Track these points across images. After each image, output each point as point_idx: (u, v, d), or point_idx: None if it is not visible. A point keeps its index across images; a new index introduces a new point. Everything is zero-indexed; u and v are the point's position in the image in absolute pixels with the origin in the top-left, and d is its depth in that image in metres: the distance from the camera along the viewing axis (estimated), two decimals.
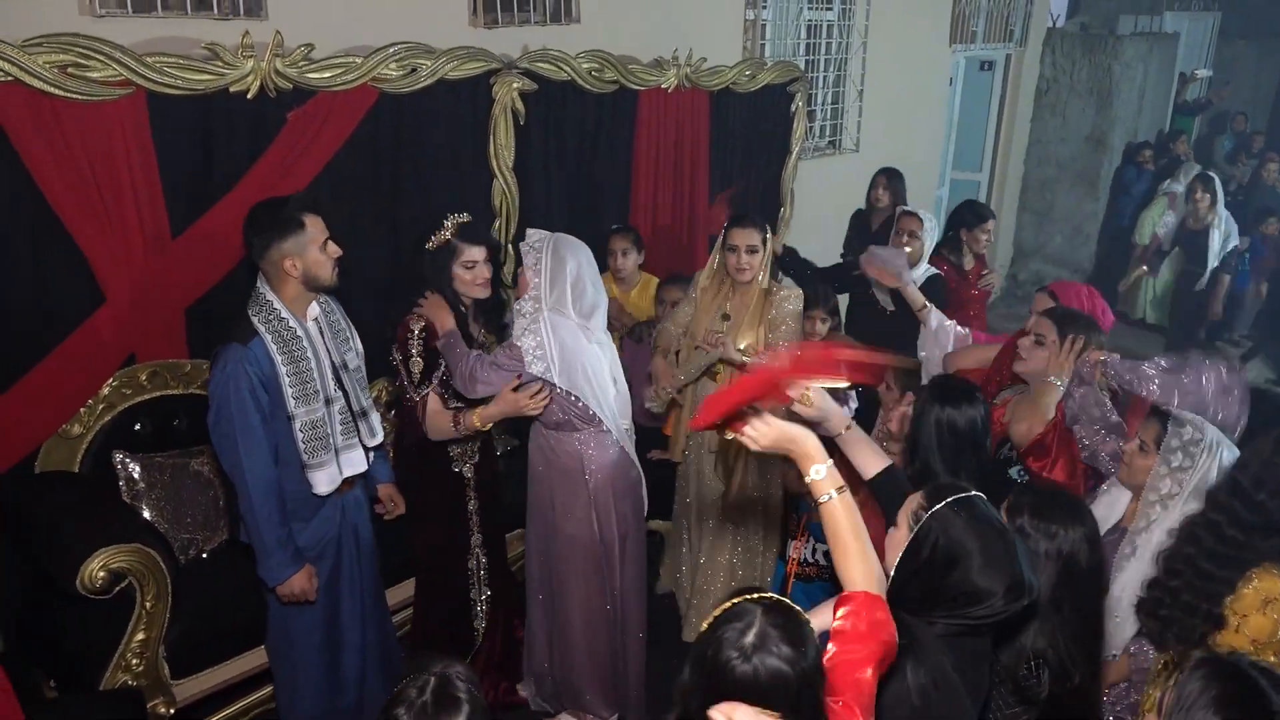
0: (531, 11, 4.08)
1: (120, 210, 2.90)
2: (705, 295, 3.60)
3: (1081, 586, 2.03)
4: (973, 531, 1.73)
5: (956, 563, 1.72)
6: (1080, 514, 2.07)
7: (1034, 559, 1.92)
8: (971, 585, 1.70)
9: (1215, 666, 1.37)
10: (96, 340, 2.99)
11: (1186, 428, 2.36)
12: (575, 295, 2.94)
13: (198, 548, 3.21)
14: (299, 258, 2.60)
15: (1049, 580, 1.99)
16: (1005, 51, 7.87)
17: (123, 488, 3.10)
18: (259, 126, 3.12)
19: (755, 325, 3.49)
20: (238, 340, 2.56)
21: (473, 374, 2.90)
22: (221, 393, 2.56)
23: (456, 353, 2.94)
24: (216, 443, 2.61)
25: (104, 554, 2.63)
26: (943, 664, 1.70)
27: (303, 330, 2.66)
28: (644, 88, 4.19)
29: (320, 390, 2.69)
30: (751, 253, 3.44)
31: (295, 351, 2.63)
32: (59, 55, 2.67)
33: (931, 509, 1.77)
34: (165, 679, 2.91)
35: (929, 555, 1.75)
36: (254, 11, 3.25)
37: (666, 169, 4.47)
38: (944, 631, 1.74)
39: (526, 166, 3.90)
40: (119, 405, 3.11)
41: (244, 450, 2.56)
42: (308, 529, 2.80)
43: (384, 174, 3.51)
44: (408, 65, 3.38)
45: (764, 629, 1.44)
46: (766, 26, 5.51)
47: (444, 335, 2.96)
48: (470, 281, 3.01)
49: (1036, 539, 2.02)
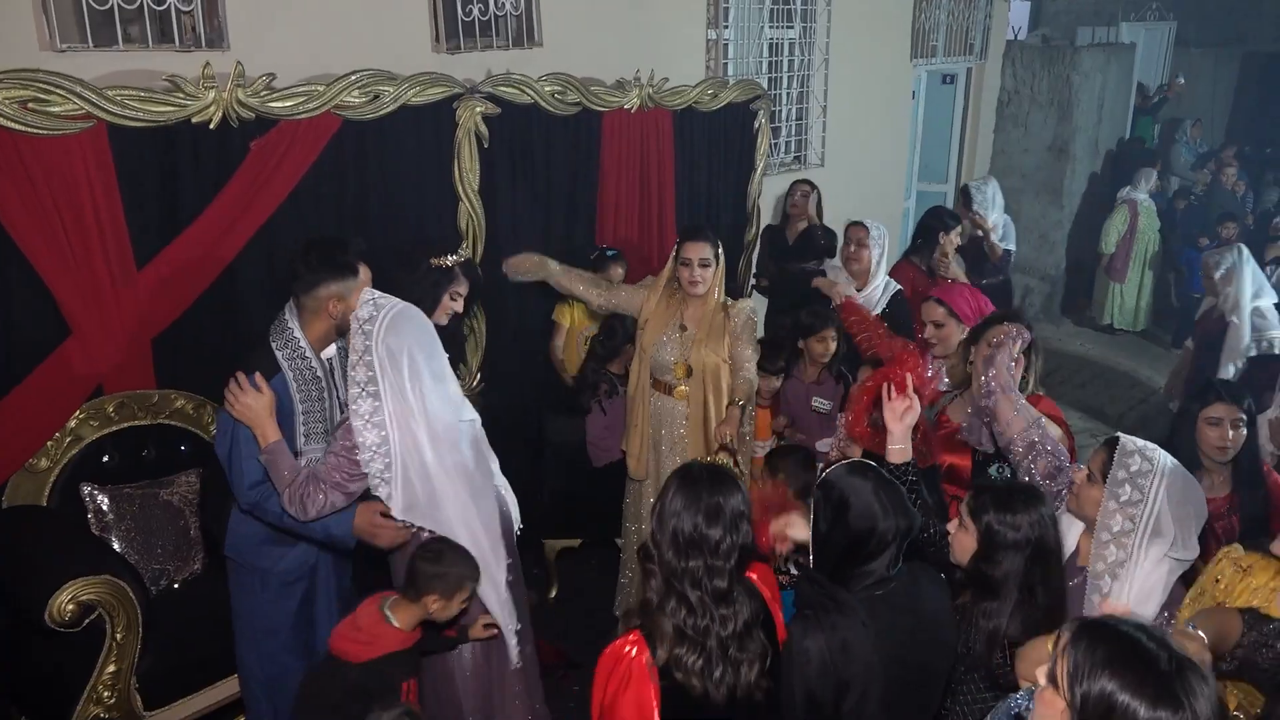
0: (494, 36, 4.12)
1: (84, 242, 2.91)
2: (658, 308, 3.63)
3: (1051, 565, 2.15)
4: (854, 480, 2.09)
5: (848, 504, 2.06)
6: (1037, 497, 2.20)
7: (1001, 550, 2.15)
8: (869, 523, 2.03)
9: (1093, 630, 1.41)
10: (63, 373, 2.99)
11: (1134, 457, 2.21)
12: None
13: (169, 578, 3.21)
14: (343, 301, 2.62)
15: (1018, 568, 2.12)
16: (966, 65, 7.99)
17: (91, 520, 3.10)
18: (222, 157, 3.14)
19: (720, 338, 3.54)
20: (263, 372, 2.59)
21: (303, 496, 2.50)
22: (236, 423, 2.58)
23: (281, 470, 2.54)
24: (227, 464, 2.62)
25: (72, 586, 2.62)
26: (854, 631, 1.97)
27: (323, 371, 2.72)
28: (607, 109, 4.24)
29: (328, 429, 2.74)
30: (704, 266, 3.49)
31: (313, 391, 2.69)
32: (19, 90, 2.69)
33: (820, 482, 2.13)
34: (138, 710, 2.90)
35: (830, 514, 2.08)
36: (216, 43, 3.28)
37: (633, 188, 4.52)
38: (864, 594, 2.03)
39: (492, 189, 3.93)
40: (86, 437, 3.10)
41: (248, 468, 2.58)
42: (289, 554, 2.81)
43: (349, 200, 3.54)
44: (370, 92, 3.41)
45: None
46: (729, 46, 5.58)
47: (266, 450, 2.54)
48: (445, 310, 3.06)
49: (1004, 531, 2.13)
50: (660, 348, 3.60)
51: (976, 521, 2.18)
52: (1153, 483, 2.18)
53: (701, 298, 3.55)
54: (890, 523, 2.04)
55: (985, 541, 2.16)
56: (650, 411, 3.68)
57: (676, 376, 3.60)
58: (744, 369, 3.51)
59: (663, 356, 3.60)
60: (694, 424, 3.63)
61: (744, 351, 3.53)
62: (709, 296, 3.56)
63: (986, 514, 2.16)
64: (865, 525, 2.04)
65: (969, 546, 2.21)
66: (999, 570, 2.14)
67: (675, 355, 3.58)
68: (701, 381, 3.57)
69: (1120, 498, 2.20)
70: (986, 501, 2.19)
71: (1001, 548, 2.14)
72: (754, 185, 5.18)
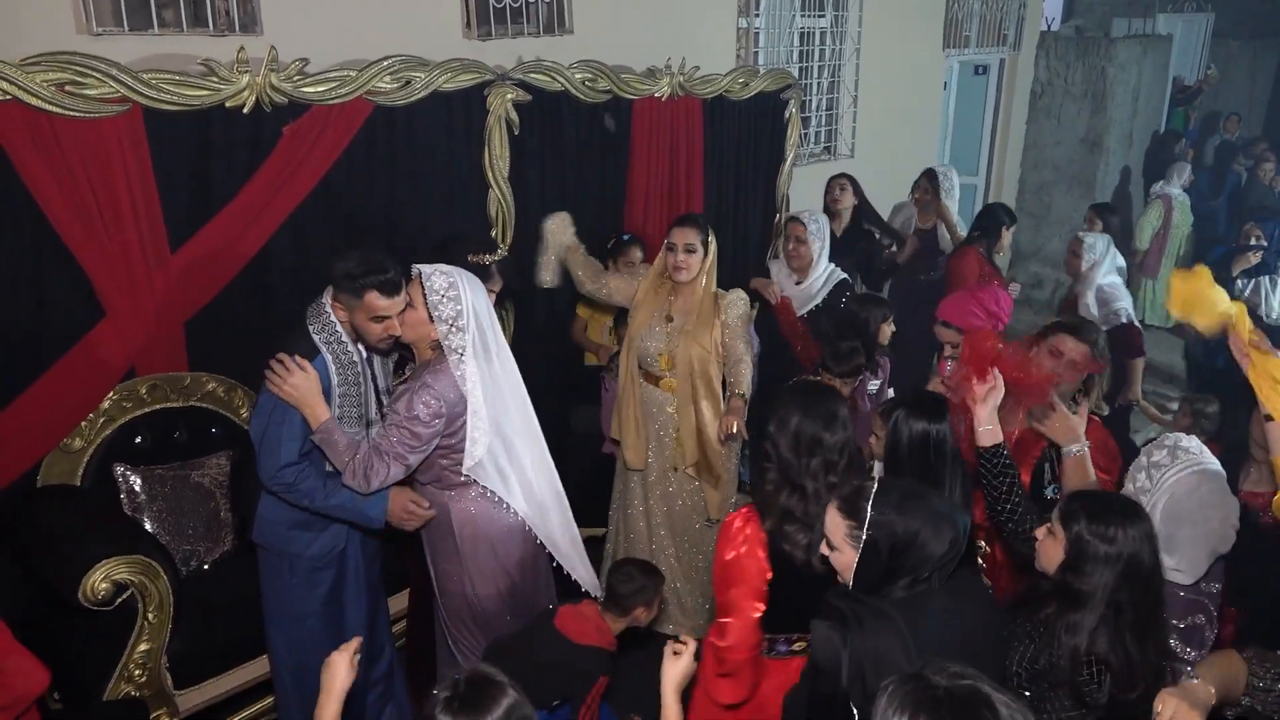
0: (525, 23, 4.11)
1: (119, 225, 2.94)
2: (647, 297, 3.61)
3: (1142, 587, 2.01)
4: (912, 514, 1.92)
5: (911, 545, 1.90)
6: (1136, 514, 2.06)
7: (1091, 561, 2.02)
8: (928, 554, 1.90)
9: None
10: (97, 355, 3.01)
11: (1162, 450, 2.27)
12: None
13: (199, 559, 3.24)
14: (348, 311, 2.63)
15: (1107, 582, 1.99)
16: (999, 56, 7.91)
17: (124, 500, 3.13)
18: (255, 141, 3.15)
19: (708, 329, 3.51)
20: (301, 353, 2.60)
21: (366, 469, 2.61)
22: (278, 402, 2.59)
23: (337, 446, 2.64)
24: (258, 444, 2.64)
25: (106, 566, 2.65)
26: (883, 644, 1.87)
27: (360, 356, 2.72)
28: (637, 97, 4.22)
29: (363, 414, 2.75)
30: (689, 252, 3.46)
31: (350, 375, 2.70)
32: (56, 73, 2.70)
33: (863, 523, 1.93)
34: (168, 689, 2.93)
35: (887, 556, 1.91)
36: (249, 27, 3.29)
37: (661, 177, 4.49)
38: (902, 595, 1.93)
39: (522, 177, 3.93)
40: (119, 419, 3.13)
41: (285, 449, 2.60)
42: (318, 540, 2.83)
43: (380, 186, 3.54)
44: (402, 78, 3.41)
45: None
46: (760, 35, 5.55)
47: (319, 429, 2.62)
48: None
49: (1095, 544, 2.00)
50: (645, 337, 3.57)
51: (1067, 530, 2.05)
52: (1166, 476, 2.24)
53: (689, 286, 3.51)
54: (940, 544, 1.91)
55: (1074, 552, 2.03)
56: (639, 401, 3.66)
57: (662, 368, 3.57)
58: (742, 360, 3.48)
59: (647, 346, 3.57)
60: (682, 417, 3.59)
61: (737, 345, 3.50)
62: (696, 285, 3.52)
63: (1078, 523, 2.03)
64: (917, 557, 1.92)
65: (1056, 556, 2.09)
66: (1087, 584, 2.00)
67: (660, 346, 3.55)
68: (688, 375, 3.52)
69: (1135, 482, 2.25)
70: (1078, 509, 2.06)
71: (1091, 560, 2.00)
72: (784, 176, 5.15)
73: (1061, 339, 2.94)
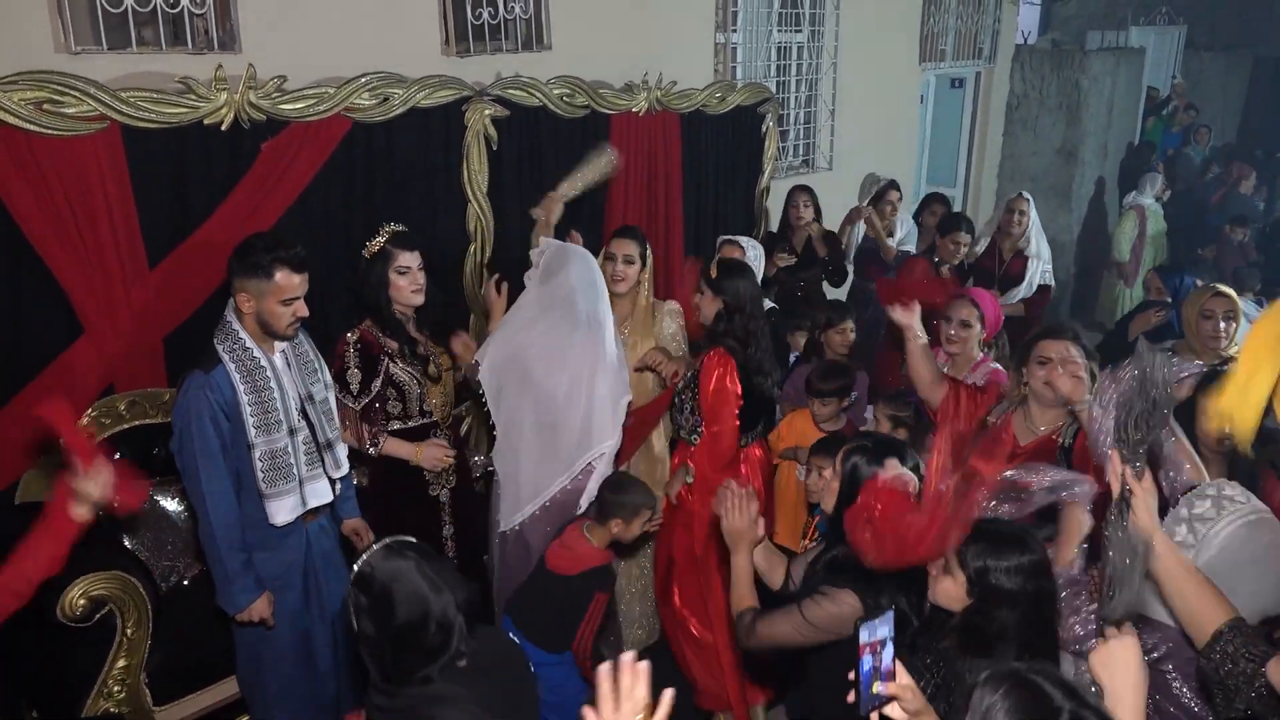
0: (504, 39, 4.15)
1: (97, 242, 2.95)
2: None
3: (1050, 623, 1.97)
4: (393, 564, 1.89)
5: (391, 595, 1.85)
6: (1027, 543, 1.95)
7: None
8: (421, 608, 1.86)
9: (1002, 678, 1.43)
10: (75, 371, 3.02)
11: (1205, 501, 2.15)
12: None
13: (179, 575, 3.24)
14: (256, 300, 2.62)
15: (1015, 623, 1.91)
16: (975, 69, 7.99)
17: (102, 516, 3.11)
18: (233, 158, 3.18)
19: (648, 338, 3.58)
20: (201, 368, 2.61)
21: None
22: (183, 420, 2.60)
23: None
24: (180, 468, 2.65)
25: (84, 582, 2.66)
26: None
27: (267, 361, 2.69)
28: (615, 111, 4.26)
29: (284, 421, 2.71)
30: (628, 263, 3.52)
31: (258, 381, 2.66)
32: (34, 92, 2.73)
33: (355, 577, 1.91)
34: (147, 706, 2.93)
35: (376, 611, 1.86)
36: (228, 45, 3.32)
37: (640, 190, 4.53)
38: (449, 674, 1.87)
39: (500, 191, 3.96)
40: (98, 435, 3.13)
41: (204, 477, 2.60)
42: (272, 557, 2.81)
43: (358, 202, 3.56)
44: (380, 94, 3.44)
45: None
46: (737, 49, 5.60)
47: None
48: (406, 288, 3.07)
49: (999, 580, 1.91)
50: None
51: (964, 567, 1.93)
52: (1214, 531, 2.07)
53: (627, 298, 3.57)
54: (445, 598, 1.85)
55: (981, 591, 1.91)
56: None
57: None
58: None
59: None
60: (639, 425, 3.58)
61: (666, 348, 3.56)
62: (635, 295, 3.58)
63: (979, 559, 1.91)
64: (418, 612, 1.83)
65: (956, 594, 1.96)
66: (994, 625, 1.90)
67: None
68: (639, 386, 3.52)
69: (1175, 536, 2.05)
70: (982, 547, 1.92)
71: (997, 598, 1.89)
72: (762, 188, 5.20)
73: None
